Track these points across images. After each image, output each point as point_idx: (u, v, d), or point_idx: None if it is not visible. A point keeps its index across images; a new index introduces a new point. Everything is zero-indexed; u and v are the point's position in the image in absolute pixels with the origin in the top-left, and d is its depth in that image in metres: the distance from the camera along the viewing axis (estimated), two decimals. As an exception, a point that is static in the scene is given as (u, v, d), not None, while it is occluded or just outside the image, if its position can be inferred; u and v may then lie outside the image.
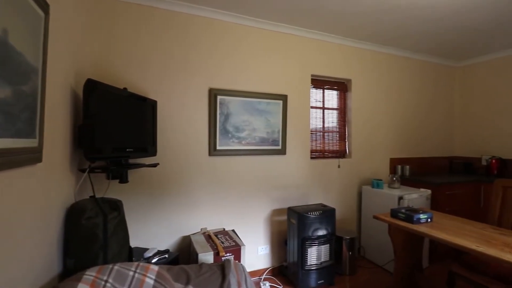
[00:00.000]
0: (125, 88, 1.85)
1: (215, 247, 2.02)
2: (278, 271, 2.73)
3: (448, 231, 1.74)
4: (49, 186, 1.23)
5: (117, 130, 1.68)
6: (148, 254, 1.96)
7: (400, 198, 2.65)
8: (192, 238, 2.20)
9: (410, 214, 1.90)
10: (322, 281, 2.43)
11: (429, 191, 2.82)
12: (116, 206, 1.54)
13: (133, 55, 2.16)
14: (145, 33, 2.20)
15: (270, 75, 2.70)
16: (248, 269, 2.61)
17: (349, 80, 3.17)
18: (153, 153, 2.10)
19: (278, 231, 2.76)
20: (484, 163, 3.51)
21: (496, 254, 1.41)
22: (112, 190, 2.07)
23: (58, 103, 1.33)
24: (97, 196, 1.65)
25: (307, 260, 2.37)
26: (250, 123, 2.56)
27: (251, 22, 2.56)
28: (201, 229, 2.40)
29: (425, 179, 3.06)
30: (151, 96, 2.21)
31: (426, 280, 2.09)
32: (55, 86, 1.28)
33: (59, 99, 1.34)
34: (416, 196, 2.70)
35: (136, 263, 1.33)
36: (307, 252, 2.37)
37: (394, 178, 2.97)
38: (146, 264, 1.34)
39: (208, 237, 2.22)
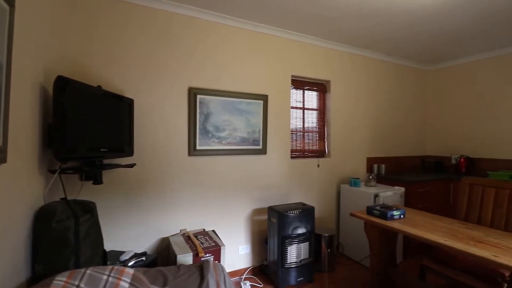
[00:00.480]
0: (99, 86, 1.79)
1: (194, 248, 2.00)
2: (259, 270, 2.75)
3: (419, 226, 1.83)
4: (14, 188, 1.17)
5: (90, 130, 1.61)
6: (124, 257, 1.91)
7: (376, 195, 2.75)
8: (171, 239, 2.16)
9: (384, 211, 1.97)
10: (302, 278, 2.47)
11: (402, 189, 2.95)
12: (89, 208, 1.48)
13: (110, 53, 2.09)
14: (124, 30, 2.14)
15: (251, 75, 2.70)
16: (229, 269, 2.60)
17: (328, 81, 3.25)
18: (130, 153, 2.04)
19: (259, 231, 2.77)
20: (453, 161, 3.71)
21: (461, 248, 1.50)
22: (86, 192, 1.99)
23: (26, 101, 1.26)
24: (70, 198, 1.58)
25: (287, 258, 2.40)
26: (231, 123, 2.56)
27: (232, 22, 2.56)
28: (180, 230, 2.36)
29: (399, 178, 3.19)
30: (129, 94, 2.15)
31: (399, 274, 2.18)
32: (22, 83, 1.22)
33: (27, 96, 1.28)
34: (390, 194, 2.81)
35: (110, 267, 1.29)
36: (287, 250, 2.40)
37: (371, 177, 3.07)
38: (121, 267, 1.31)
39: (187, 238, 2.19)
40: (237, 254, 2.65)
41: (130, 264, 1.84)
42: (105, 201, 2.08)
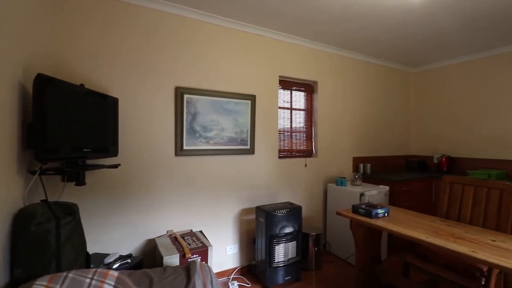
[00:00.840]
0: (81, 84, 1.75)
1: (181, 249, 1.98)
2: (247, 270, 2.75)
3: (402, 224, 1.88)
4: (-9, 190, 1.12)
5: (72, 129, 1.57)
6: (108, 259, 1.87)
7: (362, 194, 2.80)
8: (157, 241, 2.13)
9: (369, 210, 2.01)
10: (289, 277, 2.49)
11: (387, 188, 3.02)
12: (71, 210, 1.44)
13: (95, 51, 2.04)
14: (111, 29, 2.09)
15: (239, 75, 2.70)
16: (217, 269, 2.59)
17: (316, 82, 3.29)
18: (115, 153, 2.00)
19: (247, 230, 2.77)
20: (435, 161, 3.83)
21: (442, 244, 1.55)
22: (68, 194, 1.94)
23: (2, 100, 1.21)
24: (51, 200, 1.53)
25: (274, 258, 2.42)
26: (218, 122, 2.55)
27: (221, 22, 2.55)
28: (167, 231, 2.33)
29: (384, 177, 3.27)
30: (115, 93, 2.10)
31: (384, 271, 2.23)
32: (-1, 81, 1.17)
33: (4, 95, 1.23)
34: (375, 193, 2.87)
35: (93, 270, 1.26)
36: (274, 249, 2.42)
37: (357, 176, 3.13)
38: (105, 270, 1.28)
39: (174, 239, 2.17)
40: (225, 254, 2.64)
41: (114, 266, 1.81)
42: (88, 202, 2.03)
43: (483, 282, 1.71)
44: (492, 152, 3.40)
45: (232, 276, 2.63)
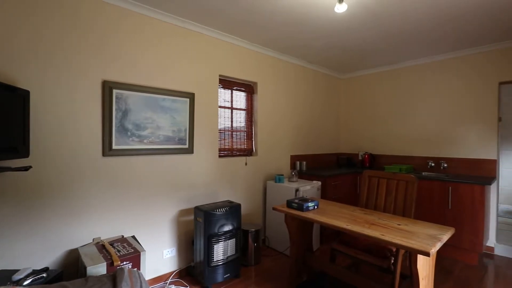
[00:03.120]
0: (-22, 73, 1.47)
1: (109, 257, 1.83)
2: (186, 272, 2.68)
3: (328, 215, 2.07)
4: None
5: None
6: (18, 276, 1.62)
7: (297, 190, 2.99)
8: (81, 250, 1.92)
9: (301, 203, 2.16)
10: (228, 275, 2.51)
11: (319, 183, 3.28)
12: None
13: (5, 38, 1.73)
14: (26, 14, 1.79)
15: (177, 72, 2.61)
16: (153, 274, 2.47)
17: (256, 83, 3.38)
18: (25, 154, 1.73)
19: (186, 232, 2.70)
20: (360, 158, 4.32)
21: (358, 230, 1.76)
22: (-40, 203, 1.61)
23: None
24: None
25: (213, 257, 2.41)
26: (154, 120, 2.42)
27: (158, 15, 2.41)
28: (93, 239, 2.12)
29: (317, 173, 3.55)
30: (28, 86, 1.82)
31: (315, 259, 2.42)
32: None
33: None
34: (309, 188, 3.10)
35: (-10, 290, 1.08)
36: (213, 248, 2.41)
37: (293, 173, 3.33)
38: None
39: (101, 247, 1.99)
40: (161, 259, 2.53)
41: (26, 283, 1.57)
42: (-11, 212, 1.72)
43: (392, 261, 2.00)
44: (403, 149, 3.98)
45: (169, 280, 2.54)
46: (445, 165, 3.52)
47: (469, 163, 3.38)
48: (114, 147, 2.18)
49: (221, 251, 2.46)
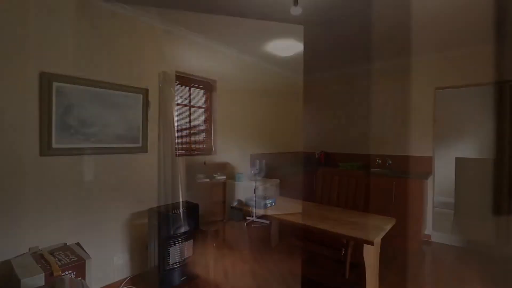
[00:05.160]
0: None
1: (48, 267, 1.65)
2: (140, 278, 2.53)
3: (285, 211, 2.13)
4: None
5: None
6: None
7: (256, 188, 3.01)
8: (14, 262, 1.70)
9: (258, 201, 2.19)
10: (185, 277, 2.44)
11: (278, 180, 3.36)
12: None
13: None
14: None
15: (129, 66, 2.45)
16: (102, 283, 2.29)
17: (215, 81, 3.33)
18: None
19: (140, 236, 2.55)
20: (317, 156, 4.52)
21: (312, 224, 1.84)
22: None
23: None
24: None
25: (169, 260, 2.32)
26: (102, 117, 2.25)
27: (105, 4, 2.24)
28: (29, 248, 1.90)
29: (276, 171, 3.62)
30: None
31: (275, 254, 2.47)
32: None
33: None
34: (268, 186, 3.15)
35: None
36: (169, 251, 2.32)
37: (253, 172, 3.35)
38: None
39: (40, 257, 1.79)
40: (111, 265, 2.36)
41: None
42: None
43: (343, 252, 2.12)
44: (356, 148, 4.26)
45: (121, 287, 2.38)
46: (390, 162, 3.85)
47: (410, 160, 3.73)
48: (54, 145, 1.96)
49: (177, 253, 2.38)
